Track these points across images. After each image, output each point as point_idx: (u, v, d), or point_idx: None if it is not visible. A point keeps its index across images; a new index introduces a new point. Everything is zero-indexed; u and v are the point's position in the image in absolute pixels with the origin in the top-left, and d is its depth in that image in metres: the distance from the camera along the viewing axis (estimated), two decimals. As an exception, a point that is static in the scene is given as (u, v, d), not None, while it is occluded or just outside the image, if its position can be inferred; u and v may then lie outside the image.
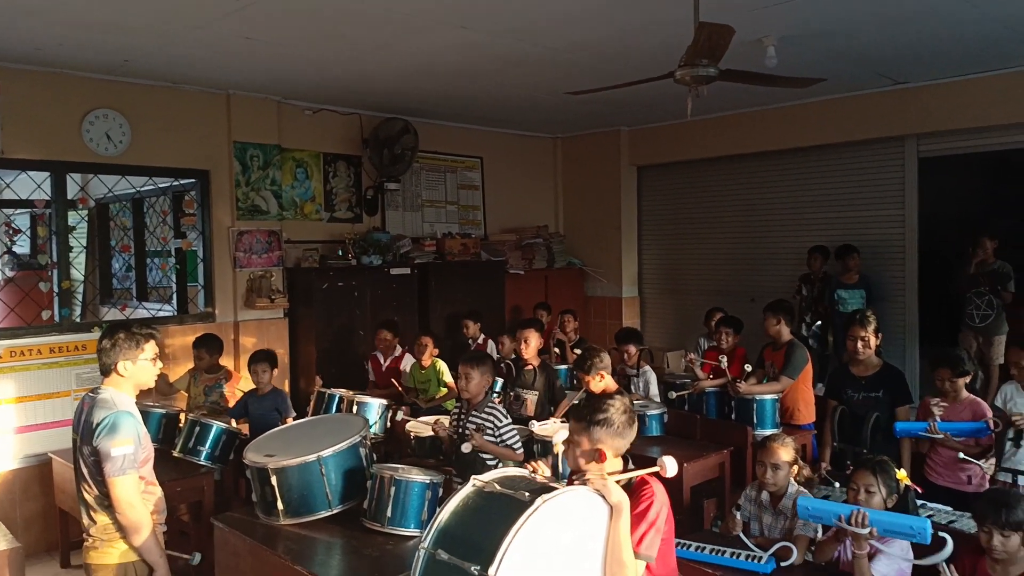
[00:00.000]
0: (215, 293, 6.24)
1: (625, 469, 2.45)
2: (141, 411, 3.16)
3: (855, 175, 7.18)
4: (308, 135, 6.91)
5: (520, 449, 4.05)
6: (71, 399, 5.26)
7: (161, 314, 6.36)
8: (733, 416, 5.16)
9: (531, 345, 5.44)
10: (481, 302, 7.41)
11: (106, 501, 2.94)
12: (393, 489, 3.27)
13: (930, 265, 7.05)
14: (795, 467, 3.50)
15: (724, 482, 4.68)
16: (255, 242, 6.39)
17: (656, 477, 2.45)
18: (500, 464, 3.88)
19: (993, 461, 4.00)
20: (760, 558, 3.10)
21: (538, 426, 4.49)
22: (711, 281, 8.34)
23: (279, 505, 3.36)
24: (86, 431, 2.96)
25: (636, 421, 2.52)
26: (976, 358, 6.18)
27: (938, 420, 4.03)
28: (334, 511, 3.39)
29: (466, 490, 2.29)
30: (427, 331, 6.35)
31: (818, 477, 4.13)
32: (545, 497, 2.12)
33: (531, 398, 5.30)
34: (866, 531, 2.84)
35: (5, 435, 5.12)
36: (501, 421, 4.02)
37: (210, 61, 5.33)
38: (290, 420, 4.95)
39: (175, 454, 4.58)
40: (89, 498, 3.00)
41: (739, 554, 3.15)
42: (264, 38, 4.80)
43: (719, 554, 3.17)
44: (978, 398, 4.23)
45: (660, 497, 2.39)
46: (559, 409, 5.11)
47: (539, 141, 9.04)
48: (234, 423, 4.94)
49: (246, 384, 5.52)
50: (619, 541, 2.24)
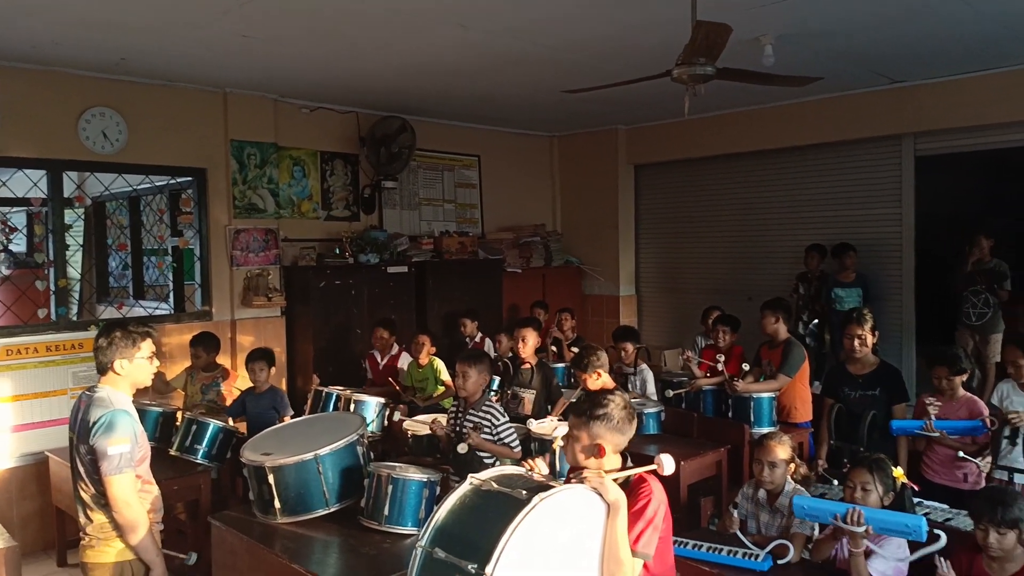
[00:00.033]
0: (212, 291, 6.23)
1: (623, 467, 2.45)
2: (138, 409, 3.15)
3: (852, 174, 7.19)
4: (305, 133, 6.90)
5: (518, 447, 4.04)
6: (68, 397, 5.26)
7: (158, 313, 6.35)
8: (730, 414, 5.16)
9: (529, 344, 5.44)
10: (478, 300, 7.41)
11: (103, 500, 2.93)
12: (390, 487, 3.27)
13: (927, 264, 7.06)
14: (792, 465, 3.52)
15: (721, 480, 4.69)
16: (252, 240, 6.38)
17: (654, 475, 2.45)
18: (498, 462, 3.87)
19: (989, 459, 4.01)
20: (757, 556, 3.11)
21: (536, 424, 4.49)
22: (708, 280, 8.34)
23: (276, 504, 3.36)
24: (83, 429, 2.96)
25: (636, 418, 2.52)
26: (973, 356, 6.19)
27: (934, 418, 4.04)
28: (331, 509, 3.39)
29: (463, 488, 2.29)
30: (424, 329, 6.35)
31: (815, 475, 4.14)
32: (542, 495, 2.12)
33: (528, 397, 5.30)
34: (862, 529, 2.85)
35: (1, 434, 5.11)
36: (498, 419, 4.02)
37: (207, 59, 5.32)
38: (287, 418, 4.94)
39: (172, 453, 4.59)
40: (86, 497, 3.00)
41: (736, 552, 3.16)
42: (261, 36, 4.80)
43: (716, 552, 3.18)
44: (975, 396, 4.24)
45: (658, 495, 2.40)
46: (556, 408, 5.11)
47: (536, 140, 9.04)
48: (231, 422, 4.94)
49: (243, 383, 5.52)
50: (616, 539, 2.24)
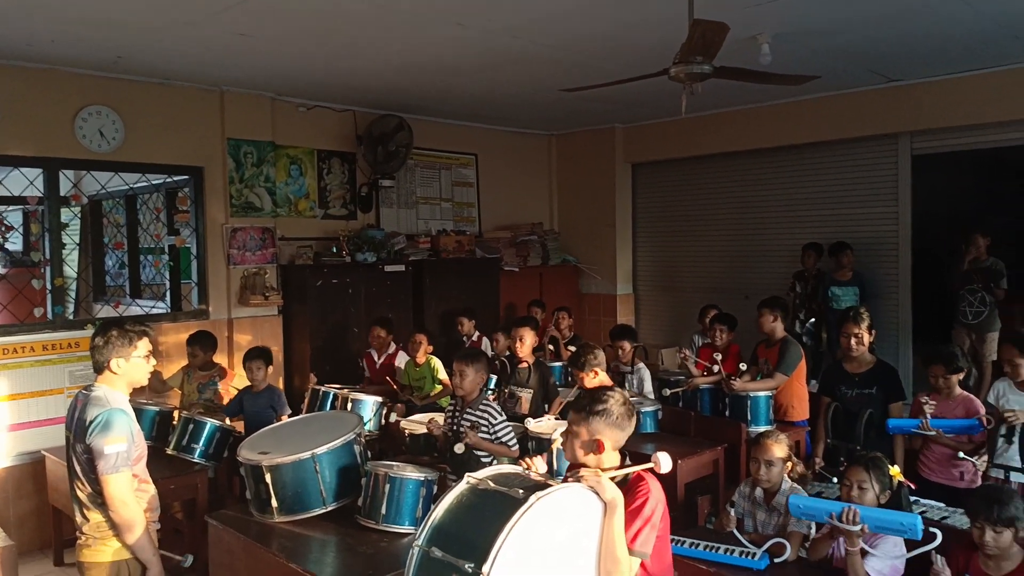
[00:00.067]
0: (209, 290, 6.23)
1: (622, 465, 2.45)
2: (134, 408, 3.15)
3: (849, 172, 7.20)
4: (302, 132, 6.89)
5: (515, 446, 4.04)
6: (64, 396, 5.25)
7: (155, 311, 6.34)
8: (727, 413, 5.16)
9: (527, 343, 5.43)
10: (476, 299, 7.42)
11: (99, 499, 2.93)
12: (388, 486, 3.27)
13: (923, 262, 7.07)
14: (789, 464, 3.52)
15: (718, 479, 4.70)
16: (249, 239, 6.37)
17: (651, 474, 2.45)
18: (495, 461, 3.88)
19: (985, 458, 4.02)
20: (754, 554, 3.12)
21: (533, 423, 4.49)
22: (705, 278, 8.35)
23: (273, 503, 3.35)
24: (79, 429, 2.95)
25: (635, 414, 2.52)
26: (969, 355, 6.20)
27: (930, 417, 4.05)
28: (328, 508, 3.39)
29: (460, 487, 2.28)
30: (421, 328, 6.35)
31: (812, 474, 4.15)
32: (539, 494, 2.12)
33: (525, 396, 5.30)
34: (857, 528, 2.85)
35: (-2, 433, 5.11)
36: (496, 418, 4.02)
37: (203, 58, 5.31)
38: (285, 417, 4.94)
39: (169, 452, 4.58)
40: (82, 496, 2.99)
41: (733, 550, 3.16)
42: (258, 35, 4.79)
43: (713, 550, 3.19)
44: (971, 395, 4.25)
45: (656, 494, 2.40)
46: (553, 407, 5.11)
47: (534, 138, 9.03)
48: (228, 421, 4.93)
49: (240, 382, 5.51)
50: (613, 537, 2.24)
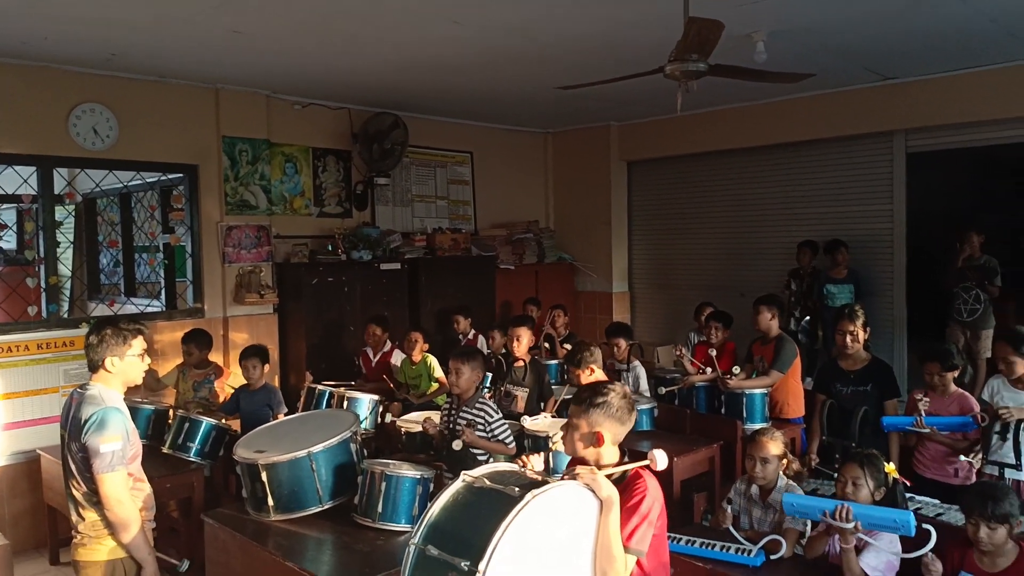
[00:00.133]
0: (204, 288, 6.21)
1: (621, 461, 2.45)
2: (130, 407, 3.15)
3: (844, 170, 7.21)
4: (297, 130, 6.88)
5: (512, 443, 4.05)
6: (59, 395, 5.24)
7: (149, 310, 6.32)
8: (723, 410, 5.17)
9: (523, 342, 5.43)
10: (471, 297, 7.41)
11: (95, 497, 2.92)
12: (384, 484, 3.27)
13: (918, 260, 7.09)
14: (784, 461, 3.53)
15: (714, 476, 4.70)
16: (244, 237, 6.36)
17: (648, 471, 2.45)
18: (491, 459, 3.87)
19: (980, 455, 4.03)
20: (750, 551, 3.12)
21: (529, 421, 4.49)
22: (701, 276, 8.36)
23: (269, 501, 3.35)
24: (74, 427, 2.95)
25: (635, 409, 2.52)
26: (964, 352, 6.22)
27: (924, 414, 4.06)
28: (325, 507, 3.39)
29: (456, 486, 2.28)
30: (417, 326, 6.35)
31: (807, 471, 4.15)
32: (535, 492, 2.12)
33: (521, 395, 5.30)
34: (850, 525, 2.86)
35: (-8, 432, 5.09)
36: (492, 416, 4.02)
37: (198, 55, 5.30)
38: (281, 416, 4.93)
39: (164, 450, 4.57)
40: (78, 495, 2.99)
41: (729, 547, 3.17)
42: (252, 32, 4.78)
43: (709, 547, 3.19)
44: (965, 392, 4.26)
45: (653, 491, 2.39)
46: (549, 405, 5.11)
47: (529, 136, 9.03)
48: (224, 420, 4.92)
49: (236, 380, 5.50)
50: (609, 535, 2.25)
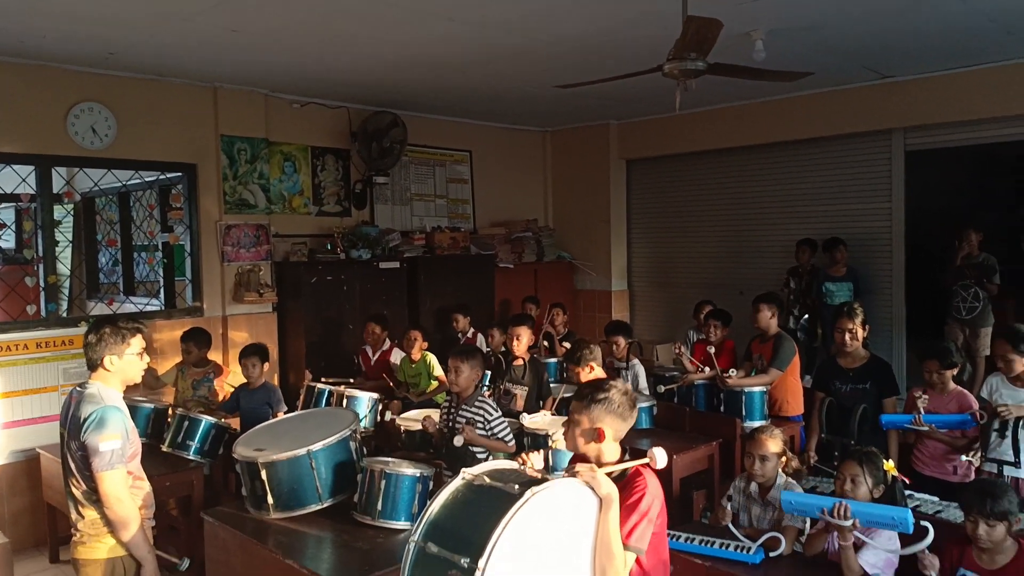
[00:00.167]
0: (203, 287, 6.21)
1: (622, 459, 2.46)
2: (129, 406, 3.15)
3: (842, 168, 7.22)
4: (296, 129, 6.88)
5: (511, 441, 4.05)
6: (58, 394, 5.24)
7: (149, 308, 6.32)
8: (722, 408, 5.17)
9: (523, 342, 5.43)
10: (470, 296, 7.41)
11: (94, 496, 2.93)
12: (383, 482, 3.27)
13: (917, 258, 7.10)
14: (783, 458, 3.53)
15: (713, 474, 4.71)
16: (243, 236, 6.35)
17: (649, 469, 2.45)
18: (491, 456, 3.88)
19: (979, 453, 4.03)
20: (749, 549, 3.13)
21: (528, 419, 4.49)
22: (700, 274, 8.37)
23: (269, 499, 3.35)
24: (73, 426, 2.95)
25: (636, 406, 2.52)
26: (963, 350, 6.23)
27: (923, 412, 4.07)
28: (324, 505, 3.39)
29: (456, 483, 2.28)
30: (416, 325, 6.35)
31: (806, 468, 4.16)
32: (535, 489, 2.12)
33: (520, 393, 5.30)
34: (848, 523, 2.87)
35: (-8, 431, 5.09)
36: (492, 414, 4.02)
37: (196, 54, 5.29)
38: (281, 414, 4.93)
39: (164, 449, 4.57)
40: (77, 493, 2.99)
41: (728, 545, 3.17)
42: (251, 31, 4.77)
43: (708, 545, 3.20)
44: (964, 390, 4.26)
45: (653, 489, 2.39)
46: (547, 404, 5.11)
47: (528, 135, 9.03)
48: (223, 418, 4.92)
49: (236, 379, 5.50)
50: (608, 532, 2.25)
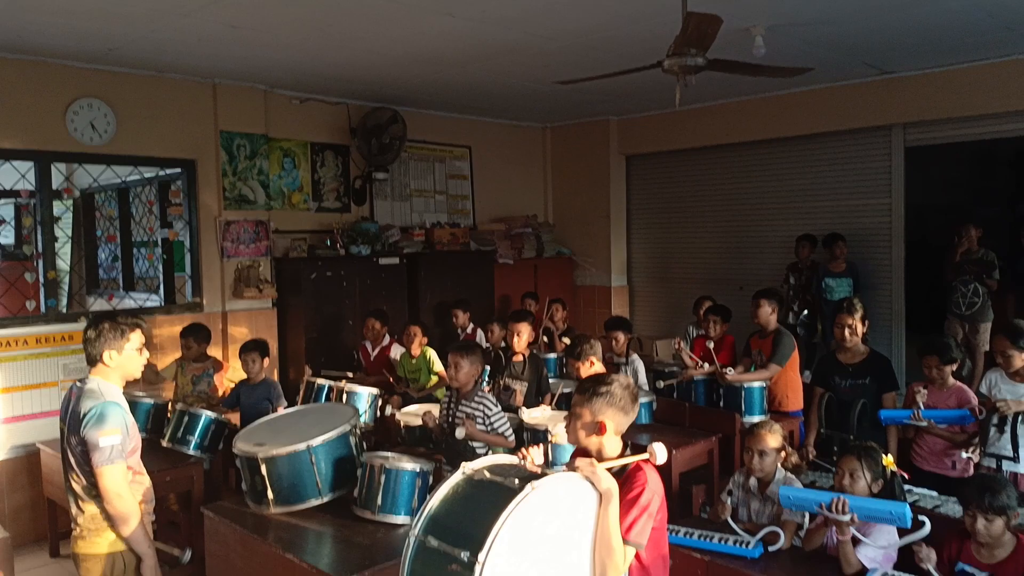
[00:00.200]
0: (203, 283, 6.21)
1: (623, 453, 2.46)
2: (129, 401, 3.15)
3: (842, 164, 7.22)
4: (295, 124, 6.87)
5: (511, 436, 4.06)
6: (58, 389, 5.24)
7: (148, 304, 6.32)
8: (721, 403, 5.18)
9: (523, 338, 5.44)
10: (470, 292, 7.41)
11: (94, 491, 2.93)
12: (383, 477, 3.27)
13: (917, 253, 7.10)
14: (783, 453, 3.54)
15: (713, 469, 4.72)
16: (243, 232, 6.35)
17: (649, 464, 2.46)
18: (491, 451, 3.88)
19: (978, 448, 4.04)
20: (748, 543, 3.13)
21: (528, 414, 4.50)
22: (700, 270, 8.37)
23: (269, 494, 3.36)
24: (73, 421, 2.95)
25: (638, 400, 2.52)
26: (962, 345, 6.24)
27: (922, 408, 4.07)
28: (324, 500, 3.39)
29: (456, 478, 2.29)
30: (416, 321, 6.35)
31: (806, 463, 4.16)
32: (535, 484, 2.12)
33: (520, 388, 5.31)
34: (846, 518, 2.87)
35: (-8, 426, 5.10)
36: (492, 410, 4.03)
37: (196, 49, 5.29)
38: (281, 409, 4.93)
39: (164, 444, 4.58)
40: (77, 488, 2.99)
41: (727, 539, 3.18)
42: (250, 26, 4.77)
43: (707, 539, 3.20)
44: (964, 385, 4.27)
45: (653, 484, 2.40)
46: (547, 399, 5.11)
47: (528, 130, 9.02)
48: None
49: (236, 374, 5.51)
50: (608, 527, 2.25)
